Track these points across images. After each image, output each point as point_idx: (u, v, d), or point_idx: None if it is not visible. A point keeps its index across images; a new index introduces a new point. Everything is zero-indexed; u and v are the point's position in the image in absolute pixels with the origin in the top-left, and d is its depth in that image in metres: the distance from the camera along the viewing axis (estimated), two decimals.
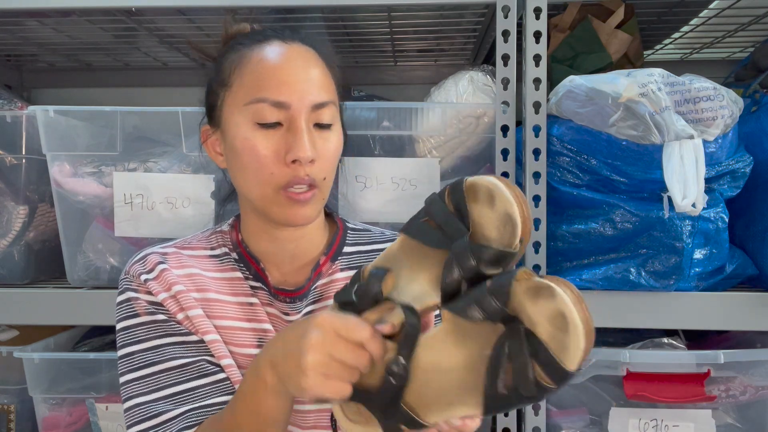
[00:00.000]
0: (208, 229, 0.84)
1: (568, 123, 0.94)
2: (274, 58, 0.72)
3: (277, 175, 0.70)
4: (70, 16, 1.10)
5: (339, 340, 0.54)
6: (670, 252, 0.91)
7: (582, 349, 0.47)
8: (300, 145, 0.69)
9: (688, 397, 0.93)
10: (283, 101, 0.70)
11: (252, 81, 0.71)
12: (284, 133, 0.71)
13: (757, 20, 1.23)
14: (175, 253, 0.78)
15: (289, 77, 0.71)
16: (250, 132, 0.71)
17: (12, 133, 1.04)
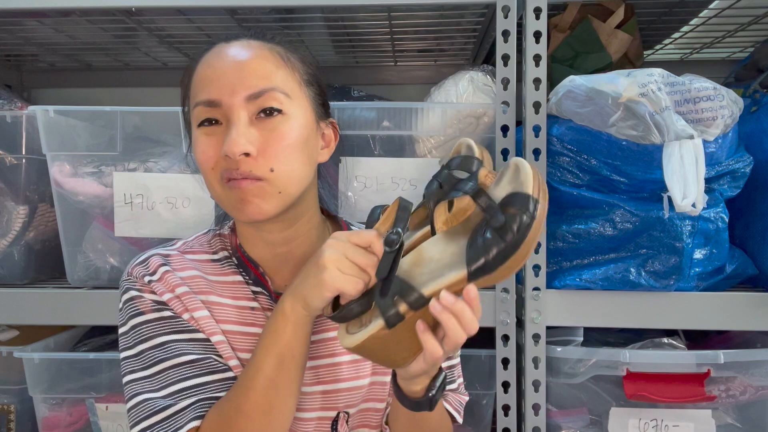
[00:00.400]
0: (210, 231, 0.83)
1: (568, 123, 0.94)
2: (211, 60, 0.72)
3: (216, 169, 0.70)
4: (70, 16, 1.10)
5: (350, 244, 0.64)
6: (670, 252, 0.91)
7: (531, 174, 0.58)
8: (230, 140, 0.67)
9: (688, 397, 0.93)
10: (214, 99, 0.69)
11: (194, 89, 0.72)
12: (224, 130, 0.70)
13: (757, 20, 1.23)
14: (177, 256, 0.77)
15: (220, 73, 0.70)
16: (198, 137, 0.71)
17: (12, 133, 1.04)
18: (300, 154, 0.71)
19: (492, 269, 0.58)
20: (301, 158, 0.72)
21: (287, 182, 0.70)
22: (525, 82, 0.96)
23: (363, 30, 1.21)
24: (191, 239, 0.82)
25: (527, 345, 0.96)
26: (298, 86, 0.73)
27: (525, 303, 0.96)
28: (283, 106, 0.70)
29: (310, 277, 0.64)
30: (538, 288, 0.95)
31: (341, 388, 0.77)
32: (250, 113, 0.69)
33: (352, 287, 0.62)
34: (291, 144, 0.70)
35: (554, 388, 0.98)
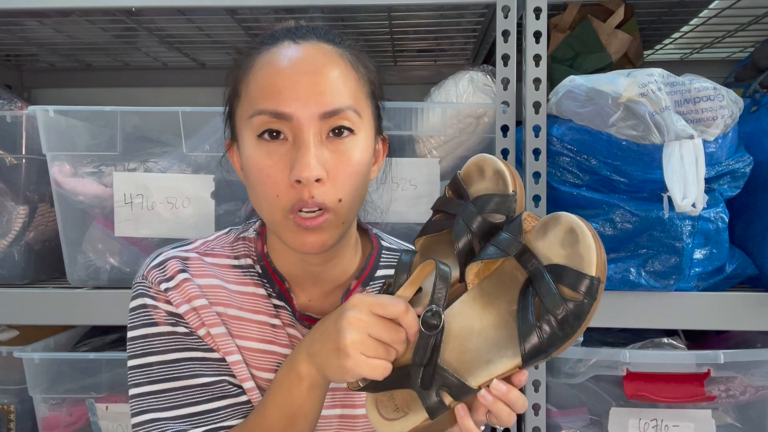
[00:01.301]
0: (231, 231, 0.77)
1: (568, 123, 0.94)
2: (279, 62, 0.63)
3: (282, 197, 0.62)
4: (70, 16, 1.10)
5: (374, 318, 0.55)
6: (670, 252, 0.91)
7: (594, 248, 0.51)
8: (303, 163, 0.60)
9: (688, 397, 0.93)
10: (283, 112, 0.61)
11: (255, 91, 0.64)
12: (290, 148, 0.62)
13: (757, 20, 1.23)
14: (197, 260, 0.71)
15: (292, 83, 0.62)
16: (254, 148, 0.63)
17: (12, 133, 1.04)
18: (363, 179, 0.66)
19: (548, 355, 0.53)
20: (363, 184, 0.66)
21: (350, 212, 0.65)
22: (525, 82, 0.96)
23: (363, 30, 1.21)
24: (212, 239, 0.76)
25: None
26: (365, 101, 0.68)
27: None
28: (354, 126, 0.64)
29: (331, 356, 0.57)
30: None
31: (358, 414, 0.73)
32: (322, 132, 0.63)
33: (380, 373, 0.55)
34: (359, 170, 0.65)
35: (554, 388, 0.98)
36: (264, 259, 0.73)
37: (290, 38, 0.66)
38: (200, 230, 1.00)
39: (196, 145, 1.00)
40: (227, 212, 1.01)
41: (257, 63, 0.65)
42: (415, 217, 0.99)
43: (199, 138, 1.00)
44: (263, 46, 0.66)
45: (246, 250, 0.74)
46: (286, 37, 0.66)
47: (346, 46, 0.68)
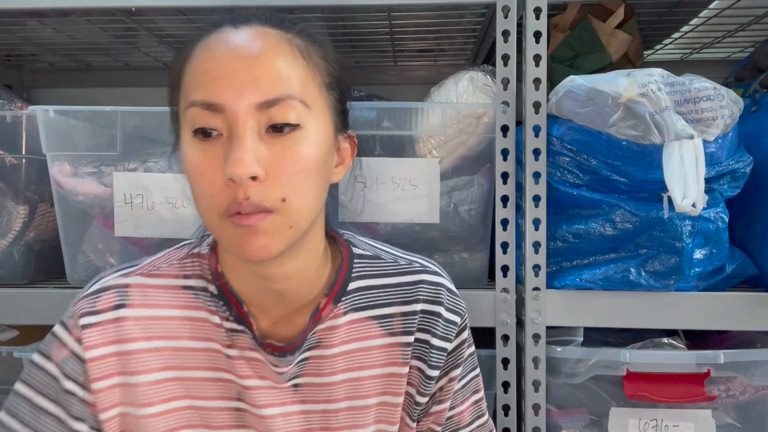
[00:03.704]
0: (184, 246, 0.69)
1: (568, 123, 0.94)
2: (214, 49, 0.57)
3: (217, 198, 0.56)
4: (70, 16, 1.10)
5: None
6: (670, 252, 0.91)
7: None
8: (234, 159, 0.54)
9: (688, 397, 0.93)
10: (214, 102, 0.55)
11: (190, 81, 0.58)
12: (224, 144, 0.56)
13: (757, 20, 1.23)
14: (138, 287, 0.65)
15: (225, 70, 0.56)
16: (189, 145, 0.58)
17: (12, 133, 1.04)
18: (316, 179, 0.59)
19: None
20: (316, 184, 0.59)
21: (299, 214, 0.58)
22: (525, 82, 0.96)
23: (363, 30, 1.21)
24: (160, 256, 0.68)
25: (527, 345, 0.96)
26: (318, 92, 0.60)
27: (525, 303, 0.96)
28: (301, 119, 0.57)
29: None
30: (538, 288, 0.95)
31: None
32: (261, 125, 0.56)
33: None
34: (307, 167, 0.58)
35: (554, 388, 0.98)
36: (219, 279, 0.65)
37: (230, 23, 0.60)
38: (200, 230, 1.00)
39: None
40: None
41: (193, 52, 0.59)
42: (415, 217, 0.99)
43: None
44: (202, 36, 0.60)
45: (198, 268, 0.67)
46: (227, 22, 0.60)
47: (296, 31, 0.61)
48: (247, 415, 0.66)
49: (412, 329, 0.70)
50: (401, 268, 0.72)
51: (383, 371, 0.70)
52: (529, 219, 0.95)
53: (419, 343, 0.70)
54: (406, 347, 0.70)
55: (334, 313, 0.67)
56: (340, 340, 0.68)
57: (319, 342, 0.67)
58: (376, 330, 0.69)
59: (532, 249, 0.95)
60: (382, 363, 0.69)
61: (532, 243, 0.95)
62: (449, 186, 1.00)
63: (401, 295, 0.70)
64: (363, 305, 0.69)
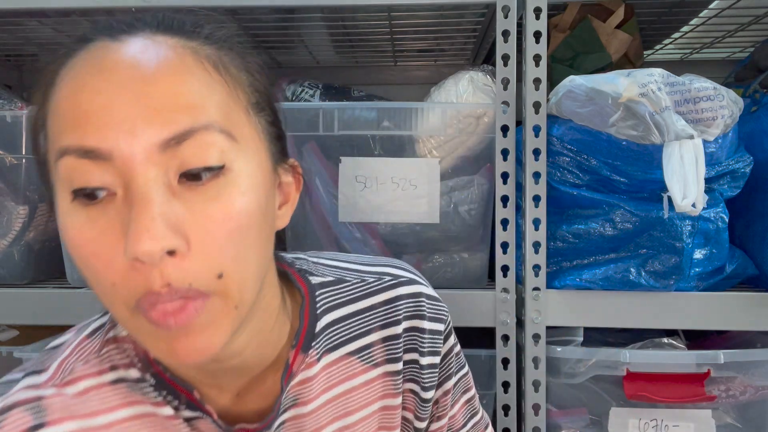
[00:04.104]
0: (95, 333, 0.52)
1: (568, 123, 0.94)
2: (86, 73, 0.41)
3: (121, 287, 0.40)
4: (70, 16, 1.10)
5: None
6: (670, 252, 0.91)
7: None
8: (137, 231, 0.38)
9: (688, 397, 0.93)
10: (93, 147, 0.39)
11: (57, 120, 0.41)
12: (120, 207, 0.40)
13: (757, 20, 1.23)
14: (55, 397, 0.48)
15: (104, 100, 0.40)
16: (67, 212, 0.41)
17: (12, 133, 1.04)
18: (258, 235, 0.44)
19: None
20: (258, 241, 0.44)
21: (244, 289, 0.43)
22: (525, 82, 0.96)
23: (363, 30, 1.21)
24: (68, 354, 0.51)
25: (527, 345, 0.96)
26: (245, 116, 0.45)
27: (525, 303, 0.96)
28: (225, 157, 0.41)
29: None
30: (538, 288, 0.95)
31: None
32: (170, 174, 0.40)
33: None
34: (243, 224, 0.42)
35: (554, 388, 0.98)
36: (153, 366, 0.50)
37: (106, 34, 0.43)
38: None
39: None
40: None
41: (57, 79, 0.43)
42: (415, 217, 0.99)
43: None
44: (70, 55, 0.44)
45: (124, 357, 0.51)
46: (102, 33, 0.44)
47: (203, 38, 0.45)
48: None
49: (398, 354, 0.59)
50: (372, 287, 0.60)
51: (374, 408, 0.60)
52: (529, 219, 0.95)
53: (409, 365, 0.61)
54: (395, 376, 0.60)
55: (306, 363, 0.55)
56: (318, 390, 0.56)
57: (296, 400, 0.55)
58: (357, 366, 0.58)
59: (532, 249, 0.95)
60: (372, 400, 0.59)
61: (532, 243, 0.95)
62: (449, 186, 1.00)
63: (378, 318, 0.59)
64: (337, 343, 0.57)
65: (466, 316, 0.95)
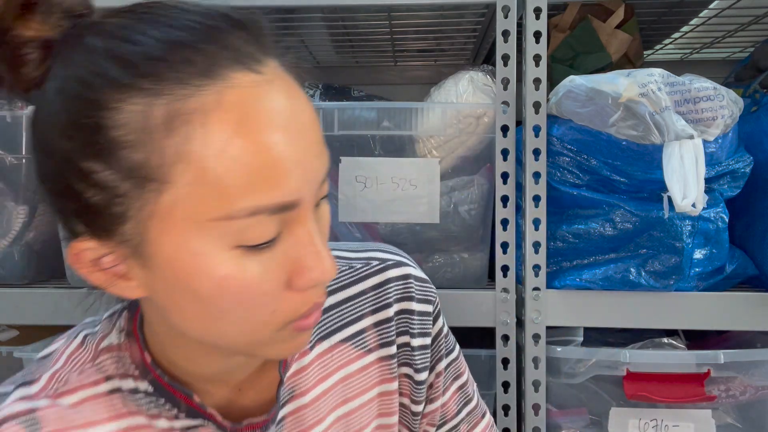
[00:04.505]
0: (87, 339, 0.52)
1: (568, 123, 0.94)
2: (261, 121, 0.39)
3: (282, 310, 0.43)
4: None
5: None
6: (670, 252, 0.91)
7: None
8: (321, 264, 0.42)
9: (688, 397, 0.93)
10: (290, 202, 0.40)
11: (232, 176, 0.38)
12: (282, 245, 0.42)
13: (757, 20, 1.23)
14: (49, 408, 0.48)
15: (298, 154, 0.40)
16: (230, 263, 0.40)
17: (12, 133, 1.04)
18: None
19: None
20: None
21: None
22: (525, 82, 0.96)
23: (363, 30, 1.21)
24: (62, 363, 0.51)
25: (527, 345, 0.96)
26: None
27: (525, 303, 0.96)
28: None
29: None
30: (538, 288, 0.95)
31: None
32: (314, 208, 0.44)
33: None
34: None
35: (554, 388, 0.98)
36: (152, 372, 0.50)
37: (241, 65, 0.40)
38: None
39: None
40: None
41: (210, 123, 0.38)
42: (415, 217, 0.99)
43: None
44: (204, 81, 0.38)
45: (120, 366, 0.50)
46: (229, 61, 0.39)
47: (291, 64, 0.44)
48: None
49: (391, 338, 0.60)
50: (360, 273, 0.60)
51: (373, 394, 0.60)
52: (529, 219, 0.95)
53: (402, 348, 0.61)
54: (390, 360, 0.60)
55: (299, 353, 0.56)
56: (314, 380, 0.57)
57: (293, 392, 0.55)
58: (352, 353, 0.59)
59: (532, 249, 0.95)
60: (369, 386, 0.60)
61: (532, 243, 0.95)
62: (449, 186, 1.00)
63: (369, 303, 0.60)
64: (329, 330, 0.58)
65: (466, 316, 0.95)
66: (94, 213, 0.40)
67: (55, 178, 0.41)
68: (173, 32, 0.39)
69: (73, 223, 0.42)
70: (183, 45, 0.38)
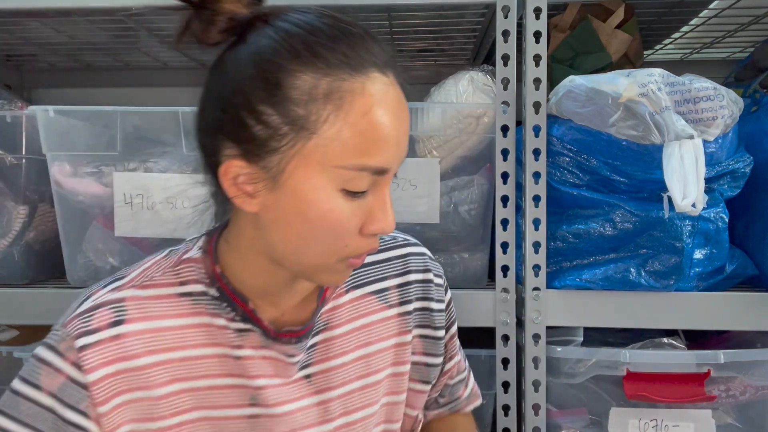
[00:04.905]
0: (172, 252, 0.66)
1: (568, 123, 0.94)
2: (384, 109, 0.55)
3: (351, 246, 0.58)
4: (70, 16, 1.10)
5: None
6: (670, 252, 0.91)
7: None
8: (386, 219, 0.58)
9: (688, 397, 0.93)
10: (387, 170, 0.56)
11: (356, 140, 0.54)
12: (367, 199, 0.57)
13: (757, 20, 1.23)
14: (133, 299, 0.61)
15: (398, 137, 0.56)
16: (336, 201, 0.55)
17: (12, 133, 1.04)
18: None
19: None
20: None
21: None
22: (525, 82, 0.96)
23: None
24: (150, 265, 0.64)
25: (527, 345, 0.96)
26: None
27: (525, 303, 0.96)
28: None
29: None
30: (538, 288, 0.95)
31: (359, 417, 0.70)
32: None
33: None
34: None
35: (554, 388, 0.98)
36: (219, 281, 0.63)
37: (379, 69, 0.56)
38: (200, 231, 1.00)
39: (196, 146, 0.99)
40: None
41: (353, 101, 0.54)
42: (415, 217, 0.99)
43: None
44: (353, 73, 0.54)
45: (194, 273, 0.64)
46: (374, 65, 0.56)
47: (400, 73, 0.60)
48: (261, 421, 0.64)
49: (410, 298, 0.74)
50: (388, 244, 0.75)
51: (390, 343, 0.73)
52: (529, 219, 0.95)
53: (420, 311, 0.75)
54: (406, 316, 0.74)
55: (336, 293, 0.70)
56: (345, 318, 0.70)
57: (327, 324, 0.69)
58: (377, 304, 0.72)
59: (532, 249, 0.95)
60: (387, 335, 0.72)
61: (532, 243, 0.95)
62: (449, 186, 1.00)
63: (393, 268, 0.74)
64: (361, 282, 0.72)
65: (466, 316, 0.95)
66: (254, 142, 0.55)
67: (232, 111, 0.55)
68: (338, 34, 0.55)
69: (229, 147, 0.56)
70: (345, 44, 0.55)
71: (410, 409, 0.77)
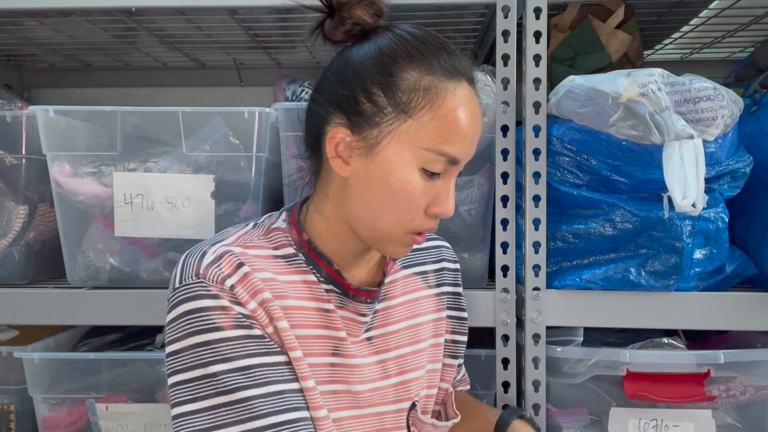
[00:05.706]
0: (257, 225, 0.75)
1: (568, 123, 0.94)
2: (466, 111, 0.67)
3: (417, 221, 0.69)
4: (70, 16, 1.10)
5: None
6: (670, 252, 0.91)
7: None
8: (448, 203, 0.69)
9: (688, 397, 0.93)
10: (460, 160, 0.68)
11: (441, 129, 0.66)
12: (437, 183, 0.68)
13: (757, 20, 1.23)
14: (242, 254, 0.68)
15: (472, 135, 0.68)
16: (415, 176, 0.67)
17: (12, 133, 1.04)
18: None
19: None
20: None
21: None
22: (525, 82, 0.96)
23: None
24: (243, 233, 0.73)
25: (527, 345, 0.96)
26: None
27: (525, 303, 0.96)
28: None
29: None
30: (538, 288, 0.95)
31: (411, 378, 0.79)
32: None
33: None
34: None
35: (554, 388, 0.98)
36: (305, 246, 0.73)
37: (468, 80, 0.69)
38: (200, 230, 1.00)
39: (196, 145, 0.99)
40: (227, 212, 1.01)
41: (445, 98, 0.66)
42: None
43: (199, 138, 1.00)
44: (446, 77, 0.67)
45: (283, 240, 0.73)
46: (465, 76, 0.69)
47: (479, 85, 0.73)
48: (338, 370, 0.73)
49: (442, 282, 0.87)
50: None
51: (431, 317, 0.84)
52: (529, 219, 0.95)
53: (451, 295, 0.88)
54: (441, 296, 0.86)
55: (394, 269, 0.82)
56: (400, 291, 0.82)
57: (386, 294, 0.80)
58: (420, 284, 0.85)
59: (532, 249, 0.95)
60: (429, 311, 0.84)
61: (532, 243, 0.95)
62: None
63: (430, 256, 0.87)
64: (409, 264, 0.84)
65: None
66: (361, 116, 0.67)
67: (348, 88, 0.68)
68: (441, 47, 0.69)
69: (339, 117, 0.68)
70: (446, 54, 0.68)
71: (443, 382, 0.85)
